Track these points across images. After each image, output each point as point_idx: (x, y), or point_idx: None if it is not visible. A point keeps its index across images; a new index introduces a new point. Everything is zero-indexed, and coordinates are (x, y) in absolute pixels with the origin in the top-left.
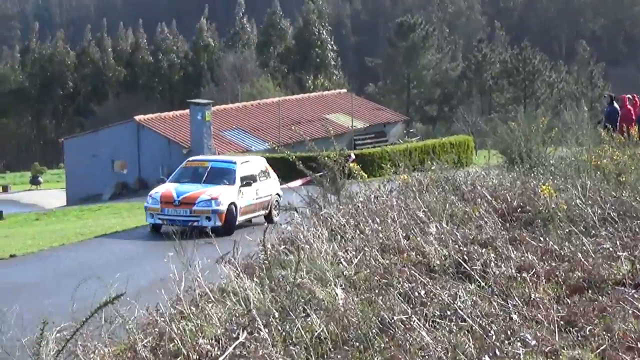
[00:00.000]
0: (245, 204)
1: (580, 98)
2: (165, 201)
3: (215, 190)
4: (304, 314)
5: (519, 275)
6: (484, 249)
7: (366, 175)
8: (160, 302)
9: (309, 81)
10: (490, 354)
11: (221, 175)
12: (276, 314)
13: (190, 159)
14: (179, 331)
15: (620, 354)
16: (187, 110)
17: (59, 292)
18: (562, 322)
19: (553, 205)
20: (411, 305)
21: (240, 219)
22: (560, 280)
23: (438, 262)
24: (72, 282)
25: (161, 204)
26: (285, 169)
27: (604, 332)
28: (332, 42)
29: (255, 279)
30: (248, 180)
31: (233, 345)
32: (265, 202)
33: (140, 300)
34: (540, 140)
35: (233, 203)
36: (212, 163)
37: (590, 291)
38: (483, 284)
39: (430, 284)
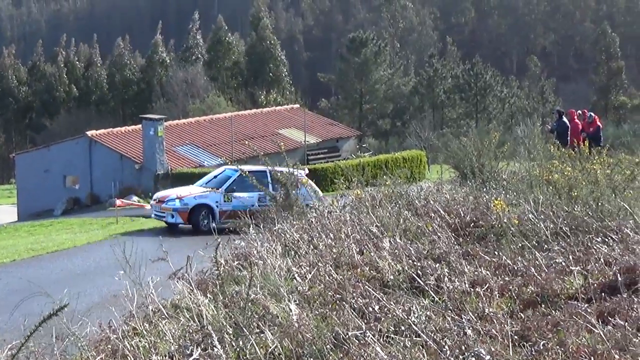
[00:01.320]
0: (229, 208)
1: (532, 113)
2: (159, 199)
3: (187, 191)
4: (258, 330)
5: (472, 289)
6: (438, 264)
7: (320, 191)
8: (113, 318)
9: (262, 96)
10: None
11: (220, 181)
12: (230, 330)
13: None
14: (132, 348)
15: None
16: (140, 126)
17: (9, 309)
18: (516, 337)
19: (505, 220)
20: (365, 321)
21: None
22: (513, 294)
23: (392, 277)
24: (22, 298)
25: (156, 201)
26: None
27: (558, 347)
28: (285, 58)
29: (208, 295)
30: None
31: None
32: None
33: (92, 317)
34: (493, 155)
35: (206, 205)
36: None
37: (543, 305)
38: (437, 298)
39: (384, 299)
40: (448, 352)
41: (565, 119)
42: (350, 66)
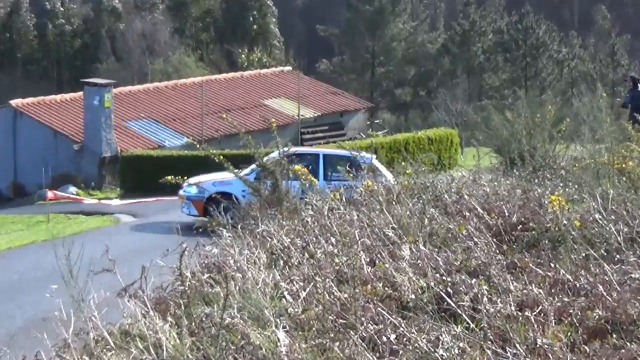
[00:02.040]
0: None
1: (598, 80)
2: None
3: (212, 176)
4: None
5: (520, 314)
6: (474, 279)
7: (316, 180)
8: (42, 349)
9: (242, 56)
10: None
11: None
12: None
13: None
14: None
15: None
16: (80, 94)
17: None
18: None
19: (565, 222)
20: (378, 355)
21: None
22: (575, 320)
23: (413, 297)
24: None
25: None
26: (210, 172)
27: None
28: (273, 5)
29: (169, 319)
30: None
31: None
32: None
33: (14, 347)
34: (547, 135)
35: (228, 194)
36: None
37: (614, 335)
38: (473, 325)
39: (403, 325)
40: None
41: None
42: (359, 16)
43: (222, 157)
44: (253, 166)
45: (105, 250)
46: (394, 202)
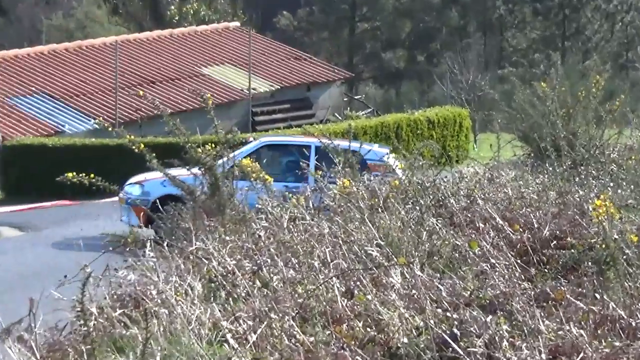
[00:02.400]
0: None
1: None
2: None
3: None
4: None
5: None
6: (490, 316)
7: (271, 180)
8: None
9: (172, 7)
10: None
11: None
12: None
13: None
14: None
15: None
16: None
17: None
18: None
19: (616, 236)
20: None
21: None
22: None
23: (406, 340)
24: None
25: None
26: (126, 167)
27: None
28: None
29: None
30: None
31: None
32: None
33: None
34: (593, 116)
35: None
36: None
37: None
38: None
39: None
40: None
41: None
42: None
43: (142, 146)
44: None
45: None
46: (379, 210)
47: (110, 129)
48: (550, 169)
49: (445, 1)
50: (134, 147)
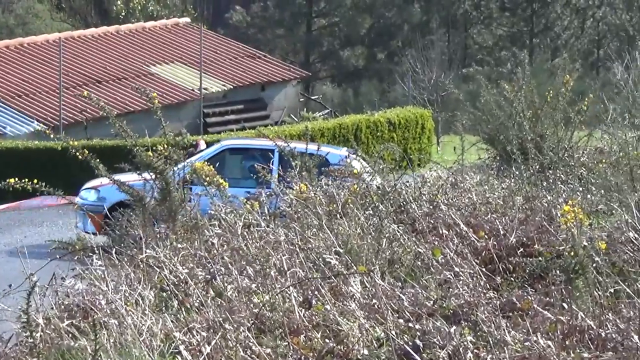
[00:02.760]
0: None
1: (636, 37)
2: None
3: (120, 177)
4: None
5: None
6: (454, 327)
7: (226, 184)
8: None
9: (118, 2)
10: None
11: None
12: None
13: None
14: None
15: None
16: None
17: None
18: None
19: (585, 243)
20: None
21: None
22: None
23: (366, 352)
24: None
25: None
26: (73, 170)
27: None
28: None
29: None
30: None
31: None
32: None
33: None
34: (561, 118)
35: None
36: None
37: None
38: None
39: None
40: None
41: None
42: None
43: (86, 152)
44: None
45: None
46: (338, 216)
47: (51, 135)
48: (517, 172)
49: None
50: (77, 154)
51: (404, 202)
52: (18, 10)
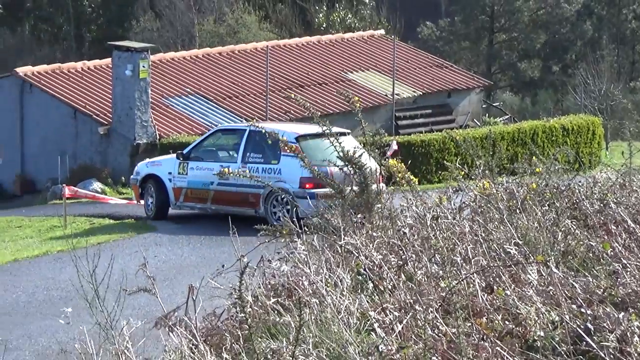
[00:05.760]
0: (184, 185)
1: None
2: None
3: (164, 157)
4: None
5: None
6: (622, 313)
7: (416, 180)
8: None
9: (320, 15)
10: None
11: None
12: None
13: None
14: None
15: None
16: (108, 61)
17: None
18: None
19: None
20: None
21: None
22: None
23: (542, 334)
24: None
25: None
26: None
27: None
28: None
29: (225, 355)
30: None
31: None
32: (246, 194)
33: None
34: None
35: (154, 177)
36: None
37: None
38: None
39: None
40: None
41: None
42: None
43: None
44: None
45: (142, 265)
46: (517, 211)
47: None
48: None
49: (581, 13)
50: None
51: (577, 200)
52: (229, 20)
